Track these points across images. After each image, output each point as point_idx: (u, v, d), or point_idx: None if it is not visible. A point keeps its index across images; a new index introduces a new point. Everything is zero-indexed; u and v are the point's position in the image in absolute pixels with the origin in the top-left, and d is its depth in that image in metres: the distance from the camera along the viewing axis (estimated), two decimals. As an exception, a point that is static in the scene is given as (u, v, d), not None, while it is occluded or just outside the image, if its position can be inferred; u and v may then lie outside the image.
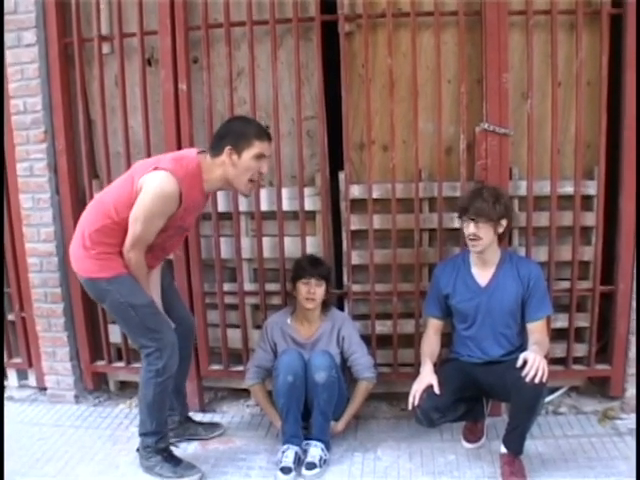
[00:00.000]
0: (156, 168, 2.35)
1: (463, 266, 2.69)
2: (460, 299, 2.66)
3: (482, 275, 2.65)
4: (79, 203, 3.13)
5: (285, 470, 2.58)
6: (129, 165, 3.01)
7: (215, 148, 2.45)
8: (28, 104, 3.08)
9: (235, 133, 2.43)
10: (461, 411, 2.65)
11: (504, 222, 2.55)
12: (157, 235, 2.43)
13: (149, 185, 2.33)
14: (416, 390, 2.50)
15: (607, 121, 2.82)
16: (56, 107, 3.10)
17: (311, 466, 2.60)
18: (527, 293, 2.60)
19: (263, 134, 2.48)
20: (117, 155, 3.11)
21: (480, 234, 2.50)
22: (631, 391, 3.00)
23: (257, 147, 2.44)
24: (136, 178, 2.38)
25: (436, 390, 2.48)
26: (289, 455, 2.63)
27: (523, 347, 2.57)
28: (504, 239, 2.67)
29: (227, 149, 2.40)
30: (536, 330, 2.59)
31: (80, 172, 3.17)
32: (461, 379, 2.60)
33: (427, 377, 2.54)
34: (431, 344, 2.72)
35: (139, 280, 2.46)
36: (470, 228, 2.52)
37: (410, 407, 2.51)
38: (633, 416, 2.95)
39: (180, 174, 2.34)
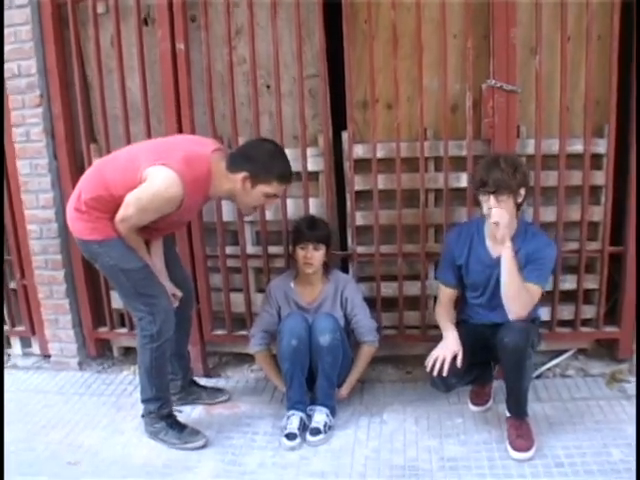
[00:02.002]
0: (164, 164, 2.26)
1: (477, 236, 2.56)
2: (472, 270, 2.57)
3: (496, 247, 2.46)
4: (77, 168, 3.08)
5: (290, 436, 2.56)
6: (127, 128, 2.97)
7: (234, 164, 2.38)
8: (22, 67, 3.01)
9: (260, 164, 2.36)
10: (474, 375, 2.60)
11: (523, 191, 2.40)
12: (151, 223, 2.37)
13: (152, 181, 2.26)
14: (438, 356, 2.43)
15: (618, 77, 2.72)
16: (51, 70, 3.03)
17: (316, 432, 2.58)
18: (530, 261, 2.43)
19: (286, 178, 2.44)
20: (115, 118, 3.04)
21: (501, 207, 2.34)
22: (639, 353, 2.96)
23: (273, 188, 2.40)
24: (142, 166, 2.29)
25: (459, 363, 2.41)
26: (294, 421, 2.61)
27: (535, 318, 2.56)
28: (521, 207, 2.50)
29: (243, 175, 2.34)
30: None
31: (78, 136, 3.10)
32: (473, 343, 2.52)
33: (453, 345, 2.46)
34: (449, 311, 2.66)
35: (132, 246, 2.40)
36: (490, 201, 2.35)
37: (428, 370, 2.44)
38: (641, 378, 2.92)
39: (188, 179, 2.26)
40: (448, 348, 2.45)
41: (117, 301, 3.23)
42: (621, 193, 2.88)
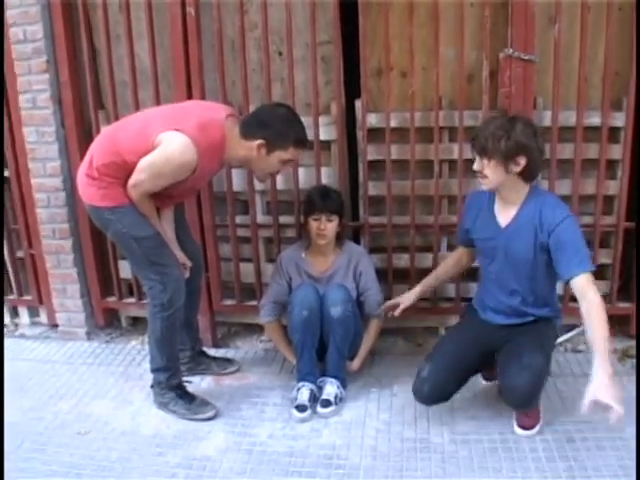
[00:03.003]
0: (178, 129, 2.21)
1: (488, 201, 2.40)
2: (479, 237, 2.46)
3: (504, 214, 2.33)
4: (85, 136, 3.03)
5: (300, 408, 2.55)
6: (136, 95, 2.91)
7: (248, 130, 2.32)
8: (28, 32, 2.94)
9: (275, 130, 2.30)
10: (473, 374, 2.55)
11: (521, 160, 2.15)
12: (163, 190, 2.33)
13: (166, 146, 2.20)
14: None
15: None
16: (58, 35, 2.96)
17: (326, 403, 2.57)
18: (552, 245, 2.20)
19: (303, 143, 2.39)
20: (123, 84, 2.98)
21: (486, 172, 2.20)
22: (652, 329, 2.93)
23: (290, 153, 2.36)
24: (154, 132, 2.24)
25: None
26: (304, 393, 2.60)
27: (555, 307, 2.48)
28: (532, 178, 2.27)
29: (259, 142, 2.29)
30: (582, 287, 2.15)
31: (85, 103, 3.05)
32: (473, 351, 2.43)
33: (399, 299, 2.64)
34: (445, 264, 2.69)
35: (144, 212, 2.37)
36: (475, 164, 2.23)
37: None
38: (653, 355, 2.89)
39: (203, 145, 2.21)
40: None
41: (125, 270, 3.21)
42: (638, 167, 2.82)
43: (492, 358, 2.45)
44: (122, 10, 2.86)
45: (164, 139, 2.21)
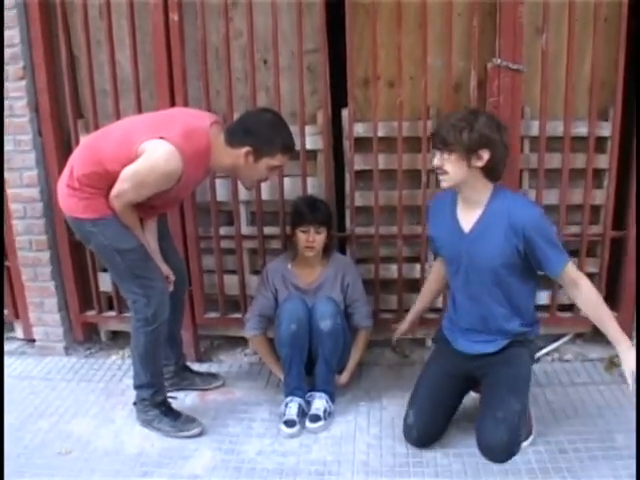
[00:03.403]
0: (163, 137, 2.15)
1: (450, 206, 2.29)
2: (442, 244, 2.36)
3: (466, 218, 2.23)
4: (64, 145, 2.96)
5: (289, 423, 2.49)
6: (117, 104, 2.83)
7: (234, 138, 2.27)
8: (5, 37, 2.84)
9: (262, 137, 2.26)
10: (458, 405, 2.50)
11: (484, 154, 2.06)
12: (147, 200, 2.26)
13: (150, 155, 2.14)
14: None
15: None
16: (35, 40, 2.86)
17: (315, 418, 2.51)
18: (527, 247, 2.14)
19: (290, 149, 2.35)
20: (103, 93, 2.90)
21: (446, 167, 2.10)
22: (638, 338, 2.94)
23: (278, 160, 2.32)
24: (138, 141, 2.17)
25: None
26: (292, 408, 2.54)
27: (530, 317, 2.37)
28: (496, 175, 2.17)
29: (246, 150, 2.24)
30: (569, 280, 2.19)
31: (64, 112, 2.96)
32: (455, 391, 2.41)
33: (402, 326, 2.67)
34: (430, 282, 2.64)
35: (127, 224, 2.29)
36: (435, 159, 2.14)
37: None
38: (640, 364, 2.90)
39: (188, 153, 2.15)
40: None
41: (105, 283, 3.12)
42: (623, 177, 2.83)
43: (473, 384, 2.44)
44: (103, 16, 2.79)
45: (148, 147, 2.15)
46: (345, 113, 2.80)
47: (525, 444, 2.35)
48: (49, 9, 2.86)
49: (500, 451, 2.23)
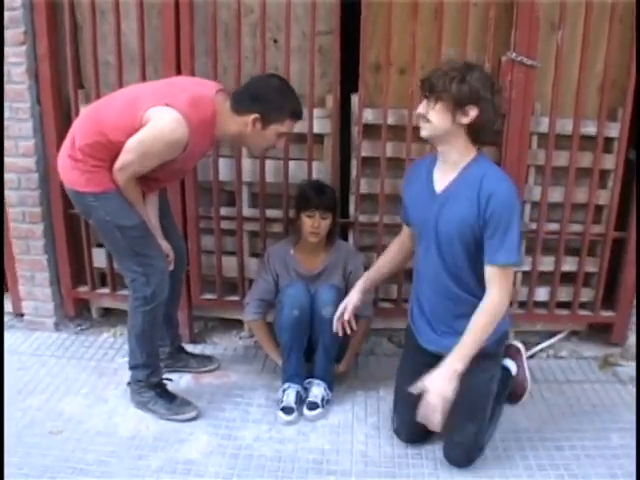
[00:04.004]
0: (168, 105, 2.08)
1: (429, 166, 2.18)
2: (410, 204, 2.24)
3: (442, 179, 2.10)
4: (63, 115, 2.86)
5: (287, 410, 2.47)
6: (120, 76, 2.75)
7: (241, 105, 2.20)
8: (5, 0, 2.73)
9: (270, 104, 2.19)
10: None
11: (472, 111, 1.95)
12: (150, 172, 2.20)
13: (156, 123, 2.07)
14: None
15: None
16: (38, 5, 2.74)
17: (313, 406, 2.49)
18: (483, 220, 1.98)
19: (299, 114, 2.29)
20: (106, 64, 2.81)
21: (429, 116, 1.98)
22: (632, 339, 2.96)
23: (287, 126, 2.26)
24: (142, 108, 2.10)
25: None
26: (290, 394, 2.51)
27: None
28: (480, 139, 2.06)
29: (254, 117, 2.17)
30: (489, 279, 2.02)
31: (64, 81, 2.86)
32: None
33: (346, 300, 2.39)
34: (386, 253, 2.46)
35: (130, 199, 2.24)
36: (420, 106, 2.03)
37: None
38: (633, 364, 2.93)
39: (194, 121, 2.09)
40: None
41: (99, 259, 3.05)
42: (628, 178, 2.83)
43: None
44: (107, -20, 2.70)
45: (153, 115, 2.08)
46: (355, 98, 2.75)
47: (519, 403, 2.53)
48: (53, -25, 2.76)
49: (460, 464, 2.24)
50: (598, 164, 2.76)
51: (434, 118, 1.98)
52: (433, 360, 2.06)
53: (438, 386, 1.94)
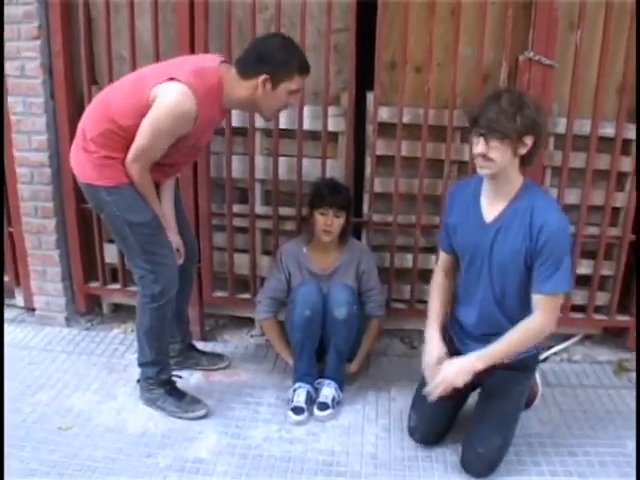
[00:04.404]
0: (172, 79, 2.06)
1: (474, 195, 2.15)
2: (460, 232, 2.20)
3: (490, 208, 2.09)
4: (77, 110, 2.83)
5: (297, 410, 2.45)
6: (133, 72, 2.73)
7: (248, 69, 2.16)
8: (20, -6, 2.73)
9: (277, 62, 2.15)
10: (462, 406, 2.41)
11: (528, 140, 1.93)
12: (166, 153, 2.18)
13: (163, 99, 2.05)
14: (429, 374, 2.16)
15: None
16: (52, 1, 2.74)
17: (323, 406, 2.47)
18: (535, 251, 2.00)
19: (306, 68, 2.24)
20: (120, 59, 2.80)
21: (492, 155, 1.93)
22: (649, 343, 2.93)
23: (296, 82, 2.21)
24: (148, 86, 2.08)
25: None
26: (301, 394, 2.49)
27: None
28: (530, 163, 2.05)
29: (263, 77, 2.14)
30: (537, 306, 2.03)
31: (78, 76, 2.85)
32: (457, 394, 2.19)
33: (434, 351, 2.18)
34: (439, 293, 2.30)
35: (143, 193, 2.22)
36: (479, 146, 1.95)
37: (427, 394, 2.13)
38: (649, 369, 2.89)
39: (200, 91, 2.06)
40: (431, 356, 2.18)
41: (111, 255, 3.05)
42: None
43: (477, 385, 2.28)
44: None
45: (160, 92, 2.06)
46: (370, 96, 2.72)
47: (530, 407, 2.50)
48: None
49: (479, 475, 2.18)
50: (616, 166, 2.72)
51: (496, 156, 1.94)
52: None
53: (452, 372, 2.06)
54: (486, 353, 2.05)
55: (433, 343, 2.22)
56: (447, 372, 2.07)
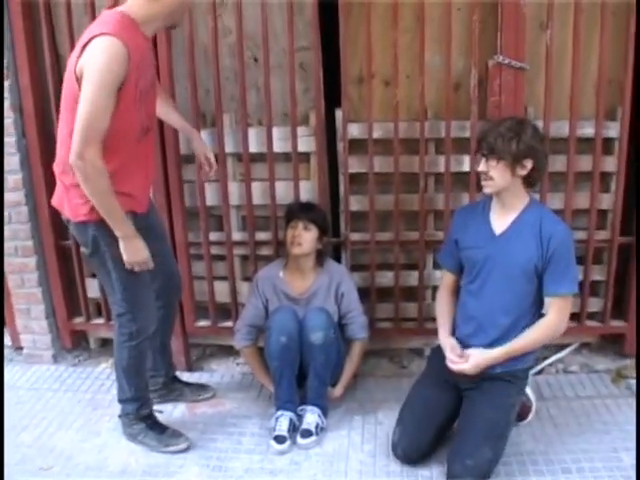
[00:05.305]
0: (85, 45, 1.95)
1: (482, 212, 2.31)
2: (469, 245, 2.30)
3: (499, 221, 2.24)
4: (48, 146, 2.83)
5: (279, 439, 2.39)
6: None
7: None
8: (-17, 36, 2.73)
9: None
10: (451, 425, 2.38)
11: (528, 163, 2.11)
12: (122, 120, 2.02)
13: (89, 58, 1.93)
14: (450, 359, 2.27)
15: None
16: (17, 39, 2.74)
17: (307, 434, 2.41)
18: (546, 259, 2.16)
19: None
20: (88, 92, 2.79)
21: (492, 174, 2.13)
22: (647, 349, 2.82)
23: None
24: (72, 72, 1.99)
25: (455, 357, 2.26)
26: (283, 422, 2.43)
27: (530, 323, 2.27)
28: (533, 184, 2.22)
29: None
30: (551, 307, 2.21)
31: (48, 112, 2.84)
32: (447, 409, 2.31)
33: (454, 346, 2.30)
34: (449, 301, 2.43)
35: (100, 188, 2.01)
36: (481, 165, 2.16)
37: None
38: (649, 376, 2.78)
39: (116, 30, 1.94)
40: (447, 348, 2.31)
41: (93, 290, 3.03)
42: (632, 180, 2.69)
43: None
44: (87, 10, 2.66)
45: (83, 59, 1.95)
46: (339, 113, 2.67)
47: (523, 423, 2.48)
48: (31, 6, 2.74)
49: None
50: (598, 167, 2.63)
51: (495, 175, 2.13)
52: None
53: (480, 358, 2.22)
54: (505, 349, 2.20)
55: (448, 341, 2.34)
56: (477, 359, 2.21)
